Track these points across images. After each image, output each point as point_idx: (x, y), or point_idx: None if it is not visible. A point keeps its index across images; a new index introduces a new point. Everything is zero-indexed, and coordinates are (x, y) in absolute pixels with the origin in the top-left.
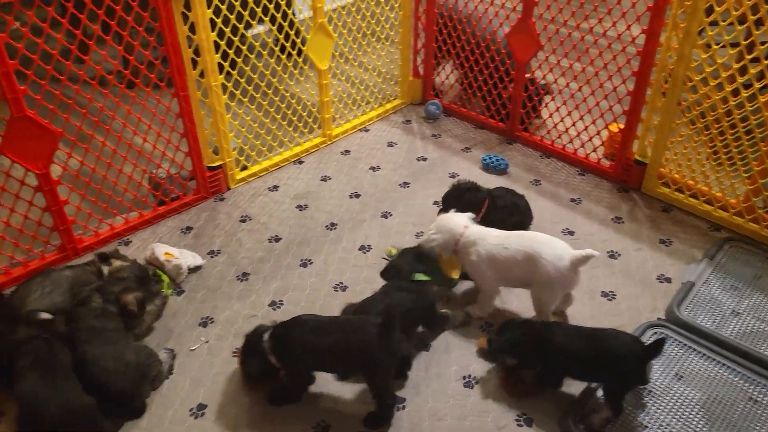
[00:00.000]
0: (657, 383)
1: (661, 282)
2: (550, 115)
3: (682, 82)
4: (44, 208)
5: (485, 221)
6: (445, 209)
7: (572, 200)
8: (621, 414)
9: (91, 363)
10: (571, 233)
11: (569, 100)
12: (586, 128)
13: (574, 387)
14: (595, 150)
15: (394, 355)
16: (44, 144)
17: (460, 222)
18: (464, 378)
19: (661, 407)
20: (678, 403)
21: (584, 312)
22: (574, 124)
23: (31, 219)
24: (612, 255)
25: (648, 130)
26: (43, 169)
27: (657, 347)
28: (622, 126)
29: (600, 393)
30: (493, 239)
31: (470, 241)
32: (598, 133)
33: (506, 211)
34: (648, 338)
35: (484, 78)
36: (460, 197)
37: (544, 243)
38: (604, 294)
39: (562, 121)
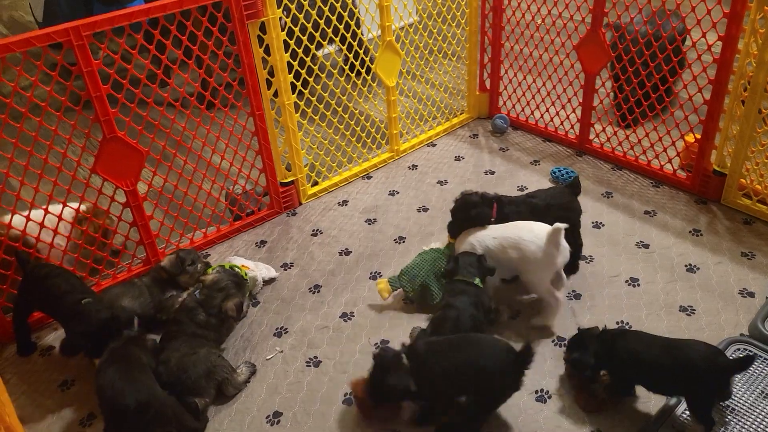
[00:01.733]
0: (741, 401)
1: (744, 296)
2: (622, 126)
3: (762, 89)
4: (131, 223)
5: None
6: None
7: (646, 212)
8: (713, 426)
9: (166, 360)
10: (646, 246)
11: (642, 110)
12: (660, 139)
13: (650, 404)
14: (670, 161)
15: (518, 384)
16: (132, 162)
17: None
18: (536, 392)
19: (745, 427)
20: (764, 423)
21: (661, 327)
22: (647, 135)
23: (120, 233)
24: (690, 269)
25: (726, 140)
26: (131, 186)
27: (746, 362)
28: (698, 136)
29: (678, 411)
30: (481, 233)
31: (469, 244)
32: (673, 143)
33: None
34: (731, 354)
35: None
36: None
37: (522, 227)
38: (683, 309)
39: (634, 131)
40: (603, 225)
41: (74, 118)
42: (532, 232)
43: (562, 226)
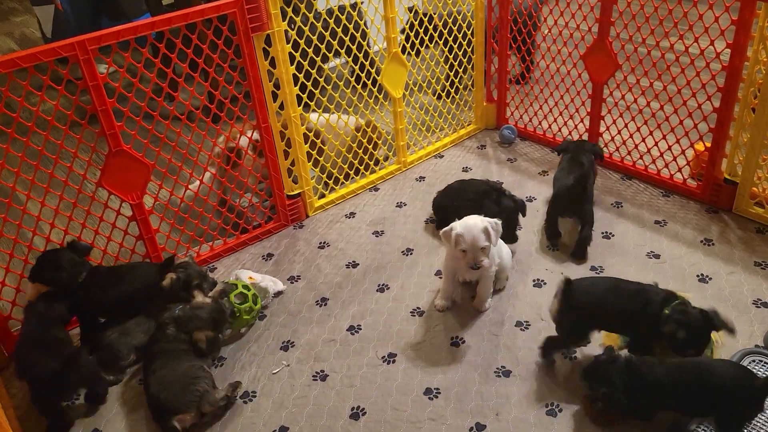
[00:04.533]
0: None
1: (758, 307)
2: (631, 136)
3: None
4: (138, 237)
5: None
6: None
7: (657, 222)
8: None
9: (150, 373)
10: (657, 257)
11: (651, 119)
12: (669, 148)
13: (662, 415)
14: (680, 170)
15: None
16: (138, 176)
17: None
18: (547, 405)
19: None
20: None
21: None
22: (656, 144)
23: (126, 247)
24: (702, 279)
25: (737, 148)
26: (137, 199)
27: None
28: (708, 144)
29: (692, 426)
30: None
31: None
32: (683, 152)
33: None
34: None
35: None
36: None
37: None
38: None
39: (643, 141)
40: (613, 235)
41: (80, 132)
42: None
43: None
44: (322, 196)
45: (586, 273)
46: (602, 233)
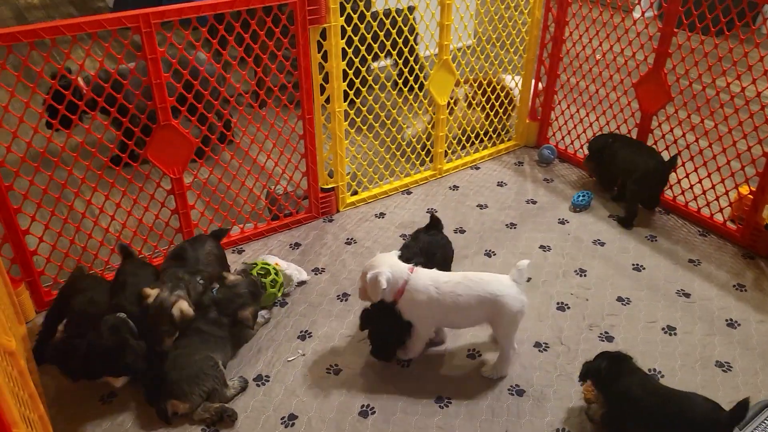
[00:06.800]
0: None
1: None
2: (675, 170)
3: None
4: (173, 210)
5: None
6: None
7: (691, 261)
8: None
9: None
10: (687, 295)
11: (697, 156)
12: (713, 187)
13: None
14: (721, 211)
15: None
16: (182, 151)
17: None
18: (557, 431)
19: None
20: None
21: (695, 380)
22: (700, 182)
23: (161, 219)
24: (731, 324)
25: None
26: (177, 174)
27: (740, 411)
28: (753, 188)
29: None
30: (442, 283)
31: (420, 283)
32: (726, 193)
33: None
34: (765, 418)
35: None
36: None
37: (493, 282)
38: (719, 364)
39: (687, 176)
40: (644, 268)
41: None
42: (510, 290)
43: (526, 262)
44: (355, 192)
45: (613, 303)
46: (632, 265)
